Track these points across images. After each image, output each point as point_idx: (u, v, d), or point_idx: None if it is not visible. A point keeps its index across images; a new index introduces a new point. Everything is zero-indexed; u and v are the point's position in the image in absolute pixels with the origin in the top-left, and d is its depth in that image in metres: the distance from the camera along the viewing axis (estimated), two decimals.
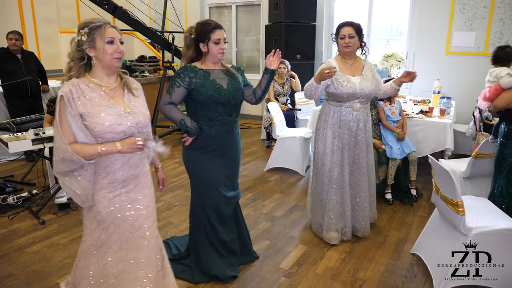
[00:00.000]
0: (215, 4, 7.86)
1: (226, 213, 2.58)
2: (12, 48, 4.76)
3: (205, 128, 2.39)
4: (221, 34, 2.35)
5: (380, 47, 6.38)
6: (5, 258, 2.84)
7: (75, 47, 1.70)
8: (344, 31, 2.86)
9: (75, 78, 1.71)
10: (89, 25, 1.70)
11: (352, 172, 3.03)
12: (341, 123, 2.93)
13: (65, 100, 1.64)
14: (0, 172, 4.57)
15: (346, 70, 2.91)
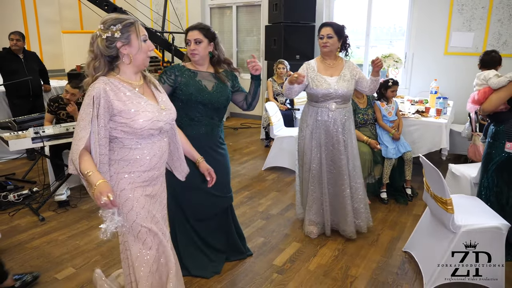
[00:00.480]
0: (216, 4, 7.92)
1: (207, 212, 2.62)
2: (13, 48, 4.84)
3: (186, 128, 2.36)
4: (191, 35, 2.36)
5: (383, 47, 6.41)
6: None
7: (105, 44, 1.59)
8: (323, 31, 2.90)
9: (103, 76, 1.64)
10: (122, 21, 1.62)
11: (331, 171, 3.03)
12: (318, 123, 2.97)
13: (95, 100, 1.56)
14: (2, 170, 4.66)
15: (324, 71, 2.95)
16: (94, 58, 1.63)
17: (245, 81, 2.75)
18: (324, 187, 3.05)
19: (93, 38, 1.63)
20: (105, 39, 1.59)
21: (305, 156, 3.07)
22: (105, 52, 1.61)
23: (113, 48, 1.61)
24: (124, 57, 1.65)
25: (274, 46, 6.28)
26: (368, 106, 3.95)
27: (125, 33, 1.61)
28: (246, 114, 7.88)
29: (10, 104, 5.03)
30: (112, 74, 1.66)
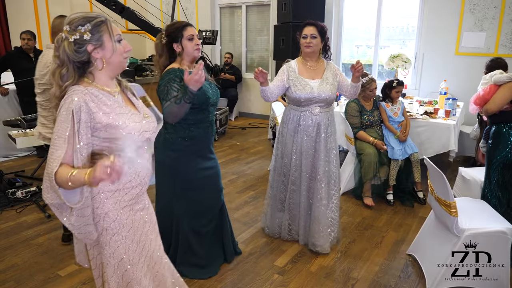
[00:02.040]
0: (226, 4, 7.92)
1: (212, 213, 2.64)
2: (25, 48, 4.92)
3: (195, 130, 2.39)
4: (193, 31, 2.33)
5: (395, 47, 6.34)
6: (11, 249, 2.96)
7: (72, 48, 1.37)
8: (307, 30, 2.72)
9: (75, 85, 1.40)
10: (91, 20, 1.39)
11: (311, 178, 2.87)
12: (299, 127, 2.82)
13: (74, 114, 1.33)
14: (12, 167, 4.74)
15: (305, 73, 2.79)
16: (61, 64, 1.39)
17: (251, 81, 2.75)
18: (302, 196, 2.88)
19: (58, 41, 1.39)
20: (73, 42, 1.37)
21: (284, 160, 2.92)
22: (74, 57, 1.38)
23: (83, 53, 1.39)
24: (96, 62, 1.42)
25: (283, 46, 6.26)
26: (374, 107, 3.91)
27: (95, 34, 1.39)
28: (254, 113, 7.89)
29: (20, 102, 5.12)
30: (85, 81, 1.43)
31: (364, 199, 3.80)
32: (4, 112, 4.93)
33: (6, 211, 3.59)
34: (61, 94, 1.41)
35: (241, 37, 7.94)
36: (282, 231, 3.07)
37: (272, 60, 7.11)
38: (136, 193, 1.55)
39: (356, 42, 7.00)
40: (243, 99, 7.93)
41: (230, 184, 4.36)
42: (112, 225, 1.49)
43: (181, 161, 2.43)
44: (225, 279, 2.62)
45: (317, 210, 2.85)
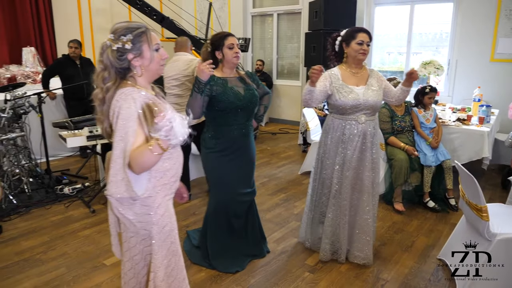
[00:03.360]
0: (258, 12, 8.13)
1: (238, 210, 2.77)
2: (72, 55, 5.27)
3: (225, 134, 2.58)
4: (234, 40, 2.54)
5: (428, 54, 6.33)
6: (61, 239, 3.21)
7: (115, 56, 1.48)
8: (363, 36, 2.63)
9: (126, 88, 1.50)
10: (133, 30, 1.50)
11: (355, 191, 2.78)
12: (344, 137, 2.71)
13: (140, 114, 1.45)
14: (58, 166, 5.06)
15: (349, 80, 2.69)
16: (104, 68, 1.51)
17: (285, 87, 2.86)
18: (342, 210, 2.77)
19: (102, 48, 1.52)
20: (116, 50, 1.48)
21: (326, 173, 2.82)
22: (115, 64, 1.50)
23: (124, 60, 1.50)
24: (136, 69, 1.53)
25: (314, 53, 6.37)
26: (406, 113, 3.96)
27: (136, 43, 1.50)
28: (284, 119, 8.01)
29: (67, 106, 5.47)
30: (128, 84, 1.53)
31: (395, 204, 3.84)
32: (52, 115, 5.28)
33: (55, 206, 3.88)
34: (105, 96, 1.52)
35: (272, 44, 8.11)
36: (321, 250, 2.90)
37: (303, 67, 7.22)
38: (176, 187, 1.69)
39: (387, 49, 7.02)
40: (274, 105, 8.07)
41: (262, 186, 4.49)
42: (163, 217, 1.61)
43: (209, 158, 2.65)
44: (258, 275, 2.75)
45: (363, 222, 2.78)
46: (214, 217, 2.76)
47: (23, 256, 2.97)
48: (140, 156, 1.40)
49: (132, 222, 1.56)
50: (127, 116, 1.43)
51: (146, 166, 1.44)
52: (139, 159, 1.40)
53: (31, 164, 4.36)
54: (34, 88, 5.10)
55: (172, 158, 1.62)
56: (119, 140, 1.44)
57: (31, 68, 6.26)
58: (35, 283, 2.63)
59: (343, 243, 2.84)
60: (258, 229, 2.99)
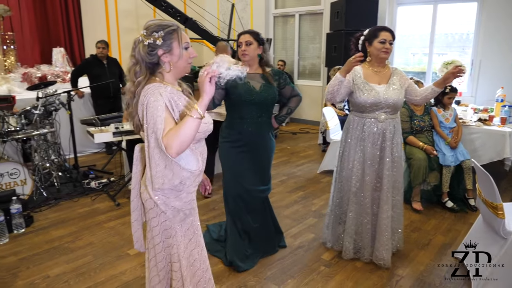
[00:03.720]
0: (280, 13, 8.21)
1: (250, 204, 2.83)
2: (99, 55, 5.48)
3: (237, 125, 2.68)
4: (242, 38, 2.63)
5: (454, 54, 6.26)
6: (88, 230, 3.38)
7: (146, 51, 1.55)
8: (386, 35, 2.63)
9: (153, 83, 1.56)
10: (165, 28, 1.56)
11: (376, 189, 2.78)
12: (364, 135, 2.73)
13: (167, 103, 1.52)
14: (85, 162, 5.28)
15: (371, 78, 2.71)
16: (135, 63, 1.58)
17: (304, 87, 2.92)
18: (364, 208, 2.79)
19: (135, 43, 1.58)
20: (147, 45, 1.54)
21: (347, 171, 2.84)
22: (146, 58, 1.56)
23: (154, 55, 1.56)
24: (165, 65, 1.59)
25: (335, 54, 6.40)
26: (425, 112, 3.96)
27: (167, 40, 1.56)
28: (305, 119, 8.06)
29: (94, 104, 5.69)
30: (157, 80, 1.60)
31: (413, 204, 3.85)
32: (80, 113, 5.51)
33: (82, 199, 4.07)
34: (135, 89, 1.58)
35: (294, 45, 8.17)
36: (344, 248, 2.92)
37: (324, 67, 7.26)
38: (199, 180, 1.73)
39: (412, 49, 6.97)
40: None
41: (281, 184, 4.57)
42: (187, 208, 1.68)
43: (222, 146, 2.78)
44: (274, 268, 2.83)
45: (382, 221, 2.77)
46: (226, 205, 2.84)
47: (52, 244, 3.15)
48: (178, 130, 1.46)
49: (182, 210, 1.64)
50: (154, 108, 1.48)
51: (187, 138, 1.47)
52: (180, 132, 1.45)
53: (60, 159, 4.58)
54: (64, 87, 5.33)
55: (195, 153, 1.67)
56: (151, 132, 1.49)
57: (61, 67, 6.53)
58: (64, 269, 2.79)
59: (366, 242, 2.86)
60: (273, 225, 3.06)
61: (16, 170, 3.77)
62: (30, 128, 4.05)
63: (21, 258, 2.94)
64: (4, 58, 6.44)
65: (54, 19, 7.63)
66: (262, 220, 2.95)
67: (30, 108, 4.05)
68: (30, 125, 4.06)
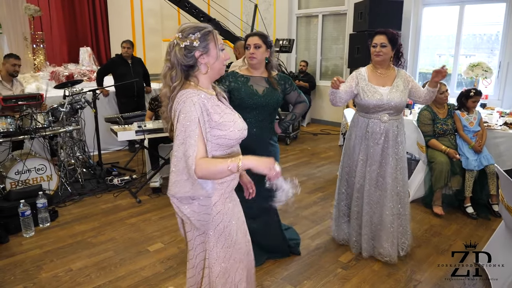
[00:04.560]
0: (303, 13, 8.19)
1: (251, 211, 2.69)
2: (124, 55, 5.61)
3: None
4: (251, 41, 2.57)
5: (482, 56, 6.10)
6: (110, 226, 3.48)
7: (183, 53, 1.52)
8: (376, 39, 2.73)
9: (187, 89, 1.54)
10: (201, 29, 1.55)
11: (379, 188, 2.86)
12: (367, 135, 2.82)
13: (200, 114, 1.48)
14: (109, 159, 5.41)
15: (375, 80, 2.79)
16: (171, 67, 1.56)
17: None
18: (367, 205, 2.87)
19: (170, 46, 1.56)
20: (184, 47, 1.52)
21: (351, 168, 2.93)
22: (183, 61, 1.53)
23: (191, 57, 1.54)
24: (201, 66, 1.57)
25: (358, 55, 6.34)
26: (448, 116, 3.89)
27: (203, 41, 1.54)
28: (326, 120, 8.02)
29: (118, 103, 5.83)
30: (191, 84, 1.57)
31: (434, 208, 3.78)
32: (104, 111, 5.66)
33: (105, 195, 4.19)
34: (171, 94, 1.56)
35: (317, 45, 8.14)
36: (350, 243, 3.07)
37: (347, 68, 7.20)
38: (234, 185, 1.70)
39: (438, 50, 6.83)
40: (316, 106, 8.10)
41: (300, 185, 4.54)
42: (218, 214, 1.62)
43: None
44: (291, 268, 2.84)
45: (386, 219, 2.84)
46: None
47: (76, 238, 3.25)
48: (213, 167, 1.46)
49: (190, 219, 1.58)
50: (186, 121, 1.47)
51: (217, 177, 1.52)
52: (212, 169, 1.46)
53: (84, 156, 4.71)
54: (90, 86, 5.49)
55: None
56: (180, 143, 1.48)
57: (87, 66, 6.72)
58: (86, 263, 2.88)
59: (364, 239, 2.93)
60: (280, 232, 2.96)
61: (43, 166, 3.91)
62: (57, 125, 4.19)
63: (45, 251, 3.06)
64: (33, 57, 6.68)
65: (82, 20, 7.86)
66: (269, 227, 2.88)
67: (57, 106, 4.19)
68: (56, 122, 4.20)
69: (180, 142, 1.47)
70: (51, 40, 7.46)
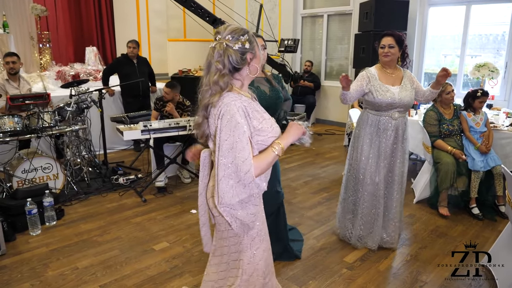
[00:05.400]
0: (308, 14, 8.18)
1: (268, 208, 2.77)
2: (130, 55, 5.63)
3: None
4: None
5: (488, 56, 6.07)
6: (115, 225, 3.49)
7: (238, 56, 1.49)
8: (385, 40, 2.86)
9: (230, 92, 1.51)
10: (246, 31, 1.52)
11: (387, 181, 3.02)
12: (378, 131, 2.94)
13: (242, 117, 1.46)
14: (114, 158, 5.44)
15: (385, 79, 2.91)
16: (223, 72, 1.49)
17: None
18: (379, 200, 3.00)
19: (221, 50, 1.48)
20: (237, 50, 1.49)
21: (361, 165, 3.02)
22: (236, 63, 1.49)
23: (244, 60, 1.51)
24: (251, 68, 1.55)
25: (363, 55, 6.33)
26: (454, 116, 3.87)
27: (252, 43, 1.52)
28: (331, 120, 8.01)
29: (124, 102, 5.86)
30: (234, 89, 1.55)
31: (440, 209, 3.77)
32: (110, 110, 5.68)
33: (111, 194, 4.21)
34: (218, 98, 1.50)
35: (322, 45, 8.13)
36: (352, 237, 3.14)
37: (352, 68, 7.19)
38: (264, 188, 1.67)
39: (444, 51, 6.79)
40: (321, 106, 8.09)
41: (305, 185, 4.57)
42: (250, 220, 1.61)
43: None
44: (296, 268, 2.84)
45: (393, 209, 3.04)
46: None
47: (81, 237, 3.27)
48: (265, 161, 1.50)
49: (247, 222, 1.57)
50: (233, 126, 1.45)
51: (266, 168, 1.53)
52: (264, 163, 1.50)
53: (90, 155, 4.74)
54: (95, 85, 5.50)
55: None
56: (228, 149, 1.45)
57: (93, 66, 6.74)
58: (92, 262, 2.90)
59: (377, 231, 3.06)
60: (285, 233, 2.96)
61: (49, 164, 3.94)
62: (63, 124, 4.21)
63: (52, 249, 3.08)
64: (40, 57, 6.71)
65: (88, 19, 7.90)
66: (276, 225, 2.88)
67: (63, 105, 4.21)
68: (63, 121, 4.22)
69: (229, 147, 1.45)
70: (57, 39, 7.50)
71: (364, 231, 3.09)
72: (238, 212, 1.54)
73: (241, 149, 1.44)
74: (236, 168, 1.45)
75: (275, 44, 7.73)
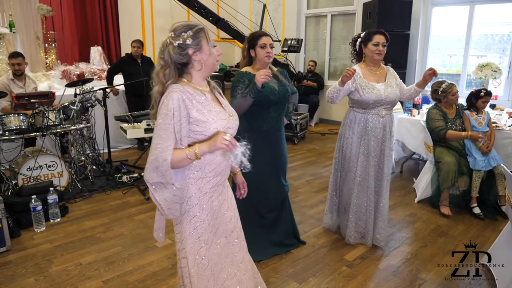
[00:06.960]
0: (312, 13, 8.20)
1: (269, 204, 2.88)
2: (134, 54, 5.68)
3: (259, 125, 2.72)
4: (267, 40, 2.63)
5: (494, 56, 6.05)
6: (118, 222, 3.54)
7: (176, 51, 1.58)
8: (379, 38, 2.86)
9: (175, 84, 1.60)
10: (192, 27, 1.61)
11: (377, 178, 3.05)
12: (367, 129, 2.96)
13: (175, 112, 1.53)
14: (118, 157, 5.49)
15: (370, 77, 2.93)
16: (164, 65, 1.61)
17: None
18: (369, 197, 3.03)
19: (163, 45, 1.62)
20: (177, 46, 1.58)
21: (350, 163, 3.05)
22: (177, 59, 1.59)
23: (185, 55, 1.59)
24: (195, 63, 1.63)
25: None
26: (457, 116, 3.88)
27: (196, 39, 1.60)
28: (333, 120, 8.02)
29: (128, 101, 5.90)
30: (182, 81, 1.63)
31: (441, 208, 3.78)
32: (114, 109, 5.73)
33: (114, 192, 4.26)
34: (162, 91, 1.60)
35: (325, 45, 8.14)
36: (347, 235, 3.16)
37: None
38: (216, 182, 1.72)
39: (449, 51, 6.78)
40: (324, 106, 8.10)
41: (307, 184, 4.59)
42: (193, 208, 1.67)
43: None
44: (297, 265, 2.87)
45: (383, 207, 3.07)
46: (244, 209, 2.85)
47: (85, 234, 3.32)
48: (176, 157, 1.54)
49: (160, 205, 1.62)
50: (164, 114, 1.54)
51: (180, 166, 1.58)
52: (175, 159, 1.54)
53: (94, 153, 4.79)
54: (100, 84, 5.56)
55: (211, 154, 1.65)
56: (157, 134, 1.56)
57: (98, 65, 6.80)
58: (95, 258, 2.94)
59: (370, 228, 3.10)
60: (291, 223, 3.09)
61: (54, 162, 3.99)
62: (68, 123, 4.27)
63: (56, 245, 3.12)
64: (45, 56, 6.79)
65: (93, 19, 7.96)
66: (283, 217, 3.00)
67: (68, 104, 4.26)
68: (67, 120, 4.27)
69: (157, 133, 1.55)
70: (62, 39, 7.56)
71: (356, 227, 3.12)
72: (157, 194, 1.61)
73: (165, 137, 1.53)
74: (157, 154, 1.53)
75: (278, 44, 7.76)
